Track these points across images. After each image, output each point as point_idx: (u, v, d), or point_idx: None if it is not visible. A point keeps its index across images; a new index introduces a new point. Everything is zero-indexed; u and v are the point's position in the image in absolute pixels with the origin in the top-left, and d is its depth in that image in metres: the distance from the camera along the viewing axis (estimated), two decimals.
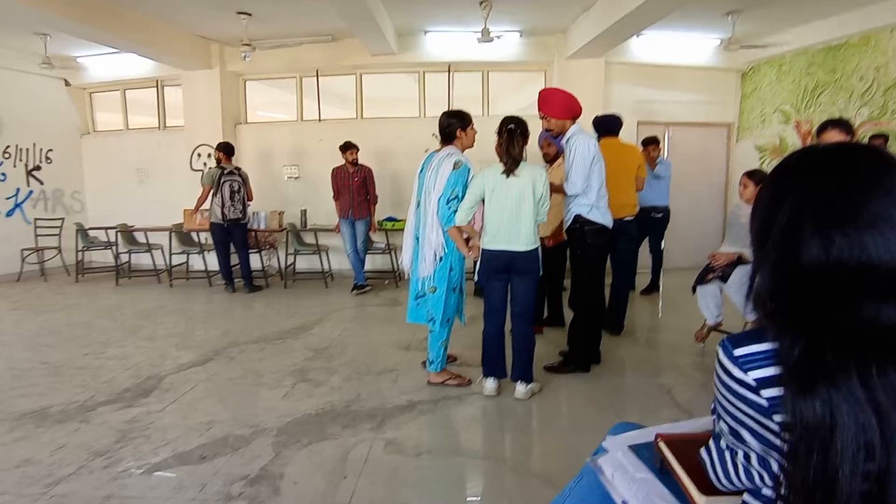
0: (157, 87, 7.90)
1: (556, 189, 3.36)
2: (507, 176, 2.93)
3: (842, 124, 2.89)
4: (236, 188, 6.07)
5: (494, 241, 3.00)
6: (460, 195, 3.06)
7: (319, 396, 3.14)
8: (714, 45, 6.88)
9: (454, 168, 3.07)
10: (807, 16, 5.93)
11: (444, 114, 3.25)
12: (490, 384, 3.13)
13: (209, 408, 3.00)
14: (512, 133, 2.92)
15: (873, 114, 5.57)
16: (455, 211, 3.06)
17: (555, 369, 3.48)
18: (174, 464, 2.38)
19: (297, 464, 2.38)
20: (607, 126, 4.40)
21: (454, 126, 3.18)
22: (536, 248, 3.02)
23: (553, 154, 4.29)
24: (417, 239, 3.29)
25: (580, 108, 3.32)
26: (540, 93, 3.42)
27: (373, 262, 7.03)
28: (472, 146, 3.28)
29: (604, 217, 3.32)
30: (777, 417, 0.78)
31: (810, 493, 0.71)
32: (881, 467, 0.68)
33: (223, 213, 6.01)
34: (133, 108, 8.15)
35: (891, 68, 5.42)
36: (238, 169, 6.19)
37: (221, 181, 6.00)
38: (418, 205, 3.29)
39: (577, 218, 3.30)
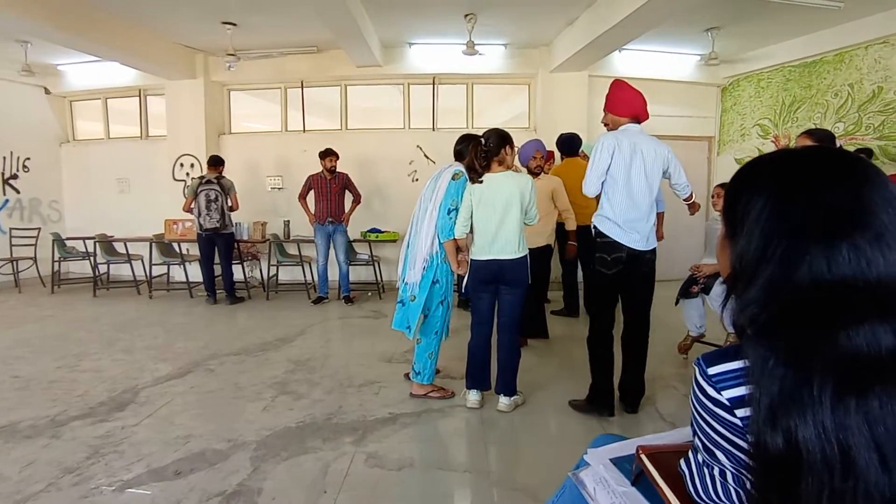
0: (139, 96, 7.81)
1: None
2: (472, 182, 3.03)
3: (814, 133, 2.91)
4: (213, 197, 5.97)
5: (483, 250, 3.01)
6: (459, 206, 3.07)
7: (300, 409, 3.08)
8: (694, 60, 7.01)
9: (454, 178, 3.08)
10: (784, 33, 6.09)
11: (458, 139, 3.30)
12: (473, 396, 3.10)
13: (187, 422, 2.93)
14: (477, 144, 3.08)
15: (848, 128, 5.71)
16: (455, 221, 3.07)
17: (578, 406, 3.08)
18: (148, 480, 2.31)
19: (275, 478, 2.32)
20: (570, 146, 4.94)
21: (464, 148, 3.18)
22: (525, 257, 3.02)
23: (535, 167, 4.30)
24: (409, 245, 3.27)
25: (626, 109, 3.32)
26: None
27: (356, 274, 6.98)
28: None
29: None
30: (750, 437, 0.75)
31: None
32: None
33: (199, 223, 5.96)
34: (115, 117, 8.05)
35: (864, 85, 5.56)
36: (219, 178, 6.08)
37: (198, 190, 5.94)
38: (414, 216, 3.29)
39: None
